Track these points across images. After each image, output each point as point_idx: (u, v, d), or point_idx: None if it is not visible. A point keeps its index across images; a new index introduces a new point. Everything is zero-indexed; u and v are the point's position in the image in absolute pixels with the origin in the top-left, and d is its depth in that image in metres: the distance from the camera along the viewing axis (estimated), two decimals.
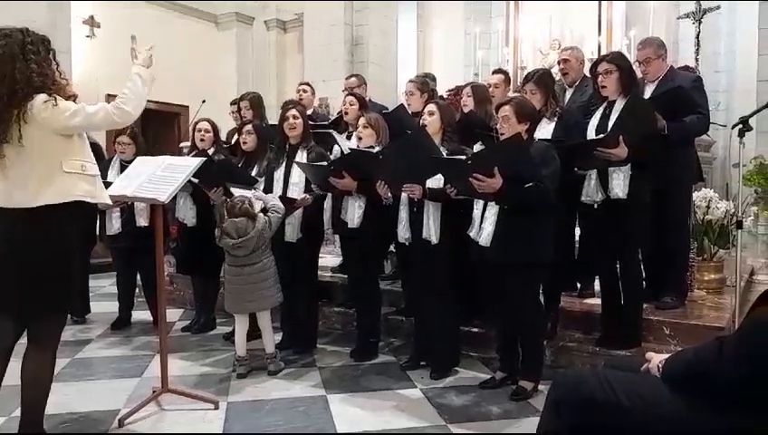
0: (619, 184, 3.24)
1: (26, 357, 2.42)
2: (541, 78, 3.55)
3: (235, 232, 3.40)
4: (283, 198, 3.72)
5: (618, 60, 3.36)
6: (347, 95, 4.58)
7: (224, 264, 3.61)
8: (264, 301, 3.51)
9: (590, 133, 3.38)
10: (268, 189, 3.85)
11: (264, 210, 3.52)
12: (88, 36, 8.19)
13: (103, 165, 4.17)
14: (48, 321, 2.44)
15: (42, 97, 2.30)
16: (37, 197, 2.31)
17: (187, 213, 4.37)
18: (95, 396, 3.20)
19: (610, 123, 3.26)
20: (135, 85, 2.52)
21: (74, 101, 2.44)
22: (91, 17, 8.22)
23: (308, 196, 3.74)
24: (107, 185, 3.31)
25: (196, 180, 3.87)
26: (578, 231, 3.81)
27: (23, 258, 2.33)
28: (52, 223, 2.34)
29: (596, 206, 3.38)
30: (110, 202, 2.58)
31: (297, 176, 3.79)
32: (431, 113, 3.45)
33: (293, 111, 3.84)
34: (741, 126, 3.08)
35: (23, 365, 2.41)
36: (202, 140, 4.38)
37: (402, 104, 4.60)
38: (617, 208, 3.28)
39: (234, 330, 3.67)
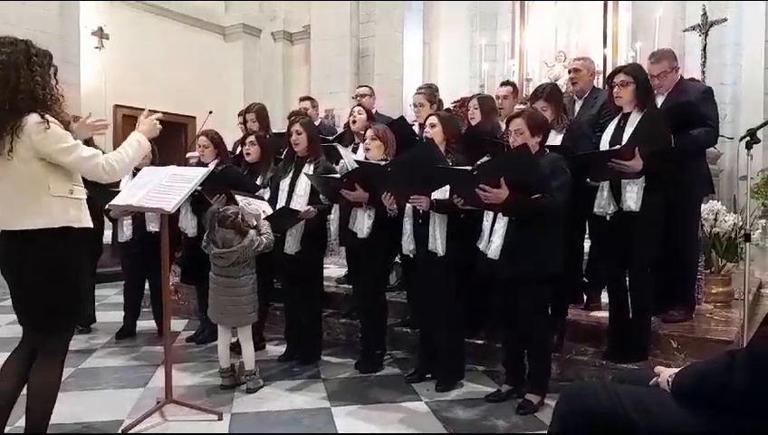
0: (632, 196, 3.22)
1: (33, 367, 2.43)
2: (551, 94, 3.54)
3: (220, 241, 3.39)
4: (287, 208, 3.72)
5: (635, 72, 3.34)
6: (355, 105, 4.60)
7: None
8: (234, 317, 3.47)
9: (604, 145, 3.36)
10: (273, 199, 3.86)
11: (257, 228, 3.51)
12: (97, 48, 8.27)
13: None
14: (48, 336, 2.44)
15: (35, 117, 2.24)
16: (22, 220, 2.28)
17: (188, 223, 4.38)
18: (99, 406, 3.19)
19: (625, 135, 3.25)
20: (132, 150, 2.53)
21: (68, 125, 2.40)
22: (100, 29, 8.31)
23: (312, 208, 3.73)
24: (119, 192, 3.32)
25: (199, 188, 3.88)
26: (586, 243, 3.79)
27: (22, 277, 2.35)
28: (43, 245, 2.30)
29: (608, 218, 3.36)
30: (91, 225, 2.48)
31: (302, 188, 3.79)
32: (433, 125, 3.46)
33: (296, 127, 3.83)
34: (749, 138, 3.06)
35: (29, 375, 2.42)
36: (202, 154, 4.40)
37: (402, 116, 4.61)
38: (629, 221, 3.26)
39: (237, 341, 3.66)
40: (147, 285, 4.78)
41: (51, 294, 2.34)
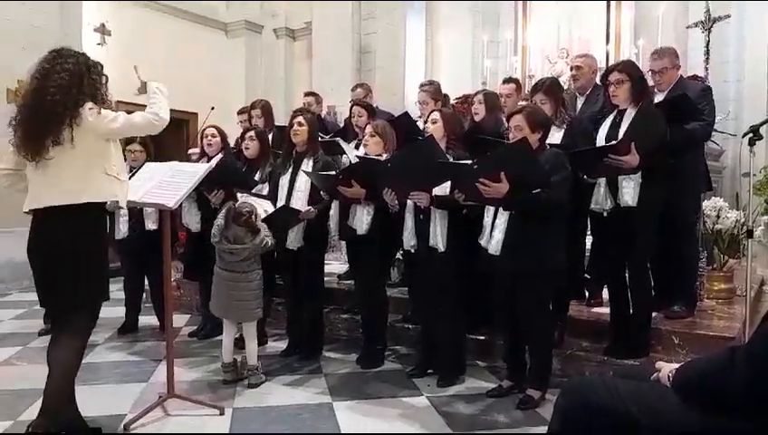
0: (629, 192, 3.22)
1: (54, 343, 2.58)
2: (550, 88, 3.54)
3: (232, 238, 3.43)
4: (288, 207, 3.73)
5: (629, 69, 3.33)
6: (353, 105, 4.59)
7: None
8: (239, 312, 3.50)
9: (600, 142, 3.35)
10: (272, 196, 3.86)
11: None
12: (99, 44, 8.26)
13: None
14: (81, 312, 2.61)
15: (89, 104, 2.58)
16: (81, 195, 2.55)
17: (191, 219, 4.39)
18: (101, 400, 3.20)
19: (621, 132, 3.25)
20: (161, 95, 2.86)
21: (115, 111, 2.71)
22: (102, 25, 8.29)
23: (312, 208, 3.72)
24: None
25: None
26: (589, 239, 3.79)
27: (58, 254, 2.53)
28: (84, 221, 2.57)
29: (605, 214, 3.36)
30: (124, 206, 2.87)
31: (302, 184, 3.78)
32: (434, 121, 3.46)
33: (299, 118, 3.83)
34: (751, 135, 3.06)
35: (49, 353, 2.56)
36: (209, 145, 4.40)
37: (407, 112, 4.60)
38: (626, 217, 3.25)
39: (241, 336, 3.67)
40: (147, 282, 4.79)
41: (86, 265, 2.56)
